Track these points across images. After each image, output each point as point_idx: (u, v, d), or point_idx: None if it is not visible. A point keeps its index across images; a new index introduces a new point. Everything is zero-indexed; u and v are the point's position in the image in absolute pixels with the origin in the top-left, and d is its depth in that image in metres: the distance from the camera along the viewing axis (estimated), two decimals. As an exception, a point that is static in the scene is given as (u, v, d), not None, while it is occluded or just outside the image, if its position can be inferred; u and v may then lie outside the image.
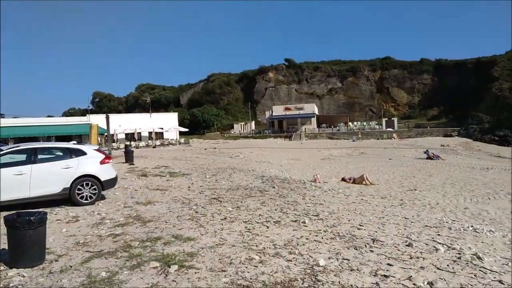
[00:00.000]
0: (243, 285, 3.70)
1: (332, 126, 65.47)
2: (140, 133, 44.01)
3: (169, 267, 4.17)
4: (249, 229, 6.11)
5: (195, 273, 4.04)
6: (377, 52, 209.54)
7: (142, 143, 41.37)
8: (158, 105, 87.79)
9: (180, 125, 53.12)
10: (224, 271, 4.11)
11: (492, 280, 4.40)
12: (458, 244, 6.29)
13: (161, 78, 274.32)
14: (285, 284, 3.78)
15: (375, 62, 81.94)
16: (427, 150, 29.95)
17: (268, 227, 6.28)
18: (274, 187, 11.41)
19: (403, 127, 64.45)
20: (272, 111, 68.38)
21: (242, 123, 73.35)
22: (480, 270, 4.80)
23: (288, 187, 11.81)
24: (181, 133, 51.45)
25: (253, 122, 74.25)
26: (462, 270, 4.73)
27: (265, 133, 65.42)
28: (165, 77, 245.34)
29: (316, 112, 69.20)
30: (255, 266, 4.30)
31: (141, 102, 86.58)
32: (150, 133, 44.71)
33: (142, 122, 45.24)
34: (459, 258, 5.32)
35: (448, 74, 74.12)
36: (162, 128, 46.33)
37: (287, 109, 67.43)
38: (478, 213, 10.61)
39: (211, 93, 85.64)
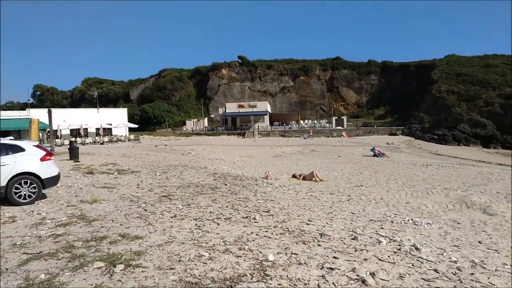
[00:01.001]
0: (192, 282, 3.66)
1: (285, 124, 66.57)
2: (86, 129, 42.04)
3: (115, 267, 4.03)
4: (199, 226, 6.06)
5: (142, 272, 3.94)
6: (328, 52, 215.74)
7: (88, 140, 39.55)
8: (107, 100, 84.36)
9: (129, 121, 51.43)
10: (173, 268, 4.04)
11: (428, 269, 4.69)
12: (399, 237, 6.64)
13: (110, 72, 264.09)
14: (234, 280, 3.78)
15: (326, 62, 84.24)
16: (373, 148, 31.36)
17: (218, 224, 6.26)
18: (226, 184, 11.39)
19: (352, 125, 66.90)
20: (225, 108, 68.20)
21: (194, 120, 72.45)
22: (417, 260, 5.10)
23: (240, 184, 11.85)
24: (130, 130, 49.84)
25: (206, 119, 73.58)
26: (401, 260, 5.00)
27: (218, 130, 65.15)
28: (114, 72, 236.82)
29: (269, 110, 69.97)
30: (204, 263, 4.27)
31: (88, 97, 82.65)
32: (97, 129, 42.87)
33: (89, 118, 43.23)
34: (399, 249, 5.62)
35: (393, 75, 77.93)
36: (110, 124, 44.58)
37: (240, 106, 67.55)
38: (417, 207, 11.26)
39: (163, 89, 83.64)
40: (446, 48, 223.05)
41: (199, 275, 3.86)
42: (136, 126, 50.39)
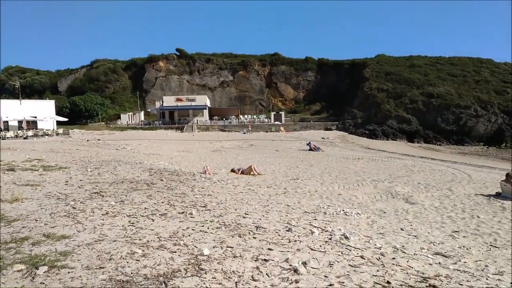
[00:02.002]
0: (123, 281, 3.54)
1: (224, 119, 66.51)
2: (7, 122, 38.62)
3: (37, 269, 3.77)
4: (132, 223, 5.87)
5: (69, 272, 3.73)
6: (267, 48, 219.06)
7: (10, 134, 36.33)
8: (31, 91, 78.06)
9: (58, 114, 48.24)
10: (102, 268, 3.88)
11: (355, 256, 4.98)
12: (330, 227, 6.97)
13: (34, 61, 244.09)
14: (167, 276, 3.73)
15: (265, 57, 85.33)
16: (309, 143, 32.48)
17: (153, 220, 6.11)
18: (162, 180, 11.14)
19: (289, 121, 68.64)
20: (162, 102, 66.43)
21: (130, 114, 69.70)
22: (346, 248, 5.40)
23: (177, 180, 11.65)
24: (59, 123, 46.70)
25: (142, 113, 71.12)
26: (332, 249, 5.26)
27: (155, 124, 63.36)
28: (39, 61, 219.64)
29: (208, 104, 69.45)
30: (137, 260, 4.15)
31: (8, 87, 75.56)
32: (20, 122, 39.59)
33: (10, 110, 39.74)
34: (330, 239, 5.90)
35: (328, 72, 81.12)
36: (35, 117, 41.38)
37: (178, 100, 66.22)
38: (349, 198, 11.90)
39: (95, 81, 79.09)
40: (377, 48, 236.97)
41: (131, 273, 3.75)
42: (65, 119, 47.30)
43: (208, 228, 5.87)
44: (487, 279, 4.60)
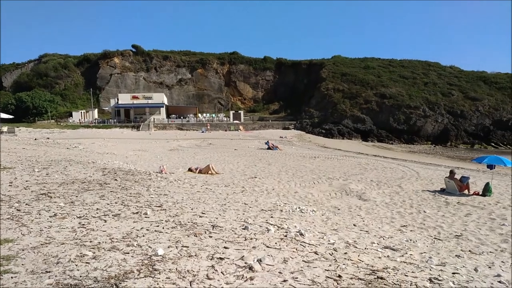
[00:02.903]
0: (71, 284, 3.40)
1: (182, 117, 65.54)
2: None
3: (-24, 276, 3.54)
4: (83, 224, 5.65)
5: (12, 278, 3.53)
6: (226, 46, 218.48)
7: None
8: (-30, 86, 72.78)
9: (2, 111, 45.28)
10: (49, 272, 3.70)
11: (309, 252, 5.11)
12: (286, 224, 7.09)
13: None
14: (119, 278, 3.63)
15: (224, 56, 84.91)
16: (267, 141, 32.78)
17: (106, 221, 5.92)
18: (116, 180, 10.80)
19: (248, 120, 68.84)
20: (118, 99, 64.27)
21: (83, 111, 66.77)
22: (301, 244, 5.52)
23: (132, 179, 11.35)
24: (3, 121, 43.83)
25: (96, 111, 68.43)
26: (287, 246, 5.36)
27: (110, 122, 61.23)
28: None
29: (166, 102, 68.10)
30: (87, 262, 4.01)
31: None
32: (-43, 119, 36.80)
33: None
34: (286, 236, 6.01)
35: (287, 72, 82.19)
36: (-24, 114, 38.63)
37: (134, 97, 64.40)
38: (305, 196, 12.15)
39: (44, 76, 74.87)
40: (333, 49, 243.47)
41: (80, 276, 3.61)
42: (10, 116, 44.43)
43: (163, 228, 5.77)
44: (430, 270, 4.89)
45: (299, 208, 9.46)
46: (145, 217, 6.43)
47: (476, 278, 4.75)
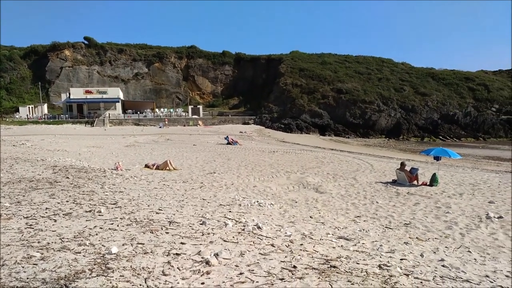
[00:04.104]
0: (17, 287, 3.25)
1: (139, 112, 63.87)
2: None
3: None
4: (31, 225, 5.38)
5: (-49, 284, 3.32)
6: (183, 40, 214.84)
7: None
8: None
9: None
10: (-8, 275, 3.51)
11: (266, 245, 5.19)
12: (244, 218, 7.15)
13: None
14: (69, 278, 3.51)
15: (182, 50, 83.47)
16: (227, 137, 32.71)
17: (56, 221, 5.68)
18: (68, 178, 10.36)
19: (207, 114, 68.33)
20: (69, 94, 61.50)
21: (30, 106, 63.27)
22: (258, 237, 5.59)
23: (85, 177, 10.94)
24: None
25: (45, 106, 65.07)
26: (244, 239, 5.41)
27: (62, 118, 58.52)
28: None
29: (121, 97, 66.06)
30: (34, 264, 3.84)
31: None
32: None
33: None
34: (243, 229, 6.06)
35: (246, 67, 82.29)
36: None
37: (88, 92, 61.92)
38: (263, 189, 12.27)
39: (-13, 69, 70.17)
40: (291, 44, 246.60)
41: (27, 278, 3.45)
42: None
43: (118, 225, 5.63)
44: (380, 257, 5.12)
45: (257, 202, 9.55)
46: (99, 215, 6.23)
47: (422, 263, 5.04)
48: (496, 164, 24.90)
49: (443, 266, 5.04)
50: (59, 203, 7.01)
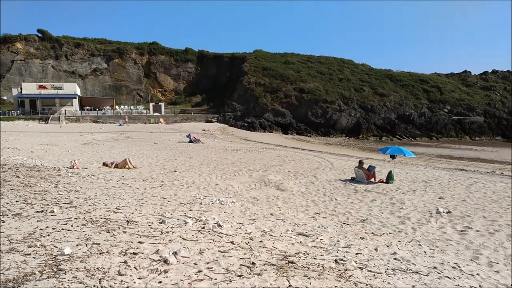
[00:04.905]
0: (-41, 292, 3.07)
1: (97, 109, 61.66)
2: None
3: None
4: (-24, 227, 5.09)
5: None
6: (145, 36, 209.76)
7: None
8: None
9: None
10: None
11: (226, 242, 5.20)
12: (205, 216, 7.12)
13: None
14: (18, 280, 3.36)
15: (143, 46, 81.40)
16: (189, 135, 32.32)
17: (4, 222, 5.40)
18: (18, 176, 9.86)
19: (169, 112, 67.14)
20: (21, 89, 58.34)
21: (-21, 101, 59.52)
22: (218, 235, 5.59)
23: (37, 176, 10.45)
24: None
25: (-5, 101, 61.41)
26: (204, 237, 5.39)
27: (13, 114, 55.42)
28: None
29: (79, 93, 63.55)
30: (-21, 268, 3.63)
31: None
32: None
33: None
34: (204, 228, 6.04)
35: (209, 65, 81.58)
36: None
37: (42, 87, 59.00)
38: (225, 188, 12.26)
39: None
40: (255, 43, 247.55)
41: (-30, 283, 3.27)
42: None
43: (72, 226, 5.44)
44: (337, 252, 5.28)
45: (218, 200, 9.53)
46: (52, 215, 5.99)
47: (376, 257, 5.25)
48: (447, 162, 26.26)
49: (395, 259, 5.27)
50: (8, 203, 6.67)
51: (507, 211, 9.77)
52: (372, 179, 14.00)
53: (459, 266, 5.37)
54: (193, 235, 5.46)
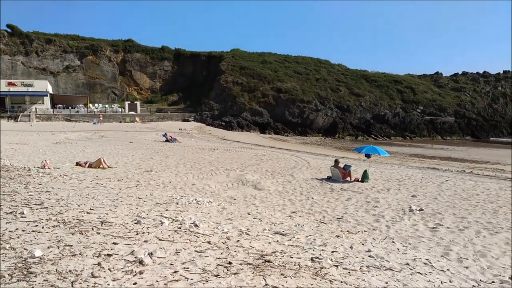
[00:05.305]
0: None
1: (70, 107, 60.11)
2: None
3: None
4: None
5: None
6: (120, 33, 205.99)
7: None
8: None
9: None
10: None
11: (202, 242, 5.17)
12: (181, 216, 7.05)
13: None
14: (-15, 285, 3.24)
15: (118, 43, 79.74)
16: (165, 134, 31.96)
17: (-31, 225, 5.19)
18: (-14, 177, 9.50)
19: (145, 111, 66.16)
20: (-10, 86, 56.22)
21: None
22: (195, 235, 5.55)
23: (6, 176, 10.09)
24: None
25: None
26: (180, 237, 5.34)
27: (-20, 112, 53.32)
28: None
29: (50, 90, 61.76)
30: None
31: None
32: None
33: None
34: (180, 228, 5.98)
35: (186, 63, 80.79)
36: None
37: (11, 84, 57.01)
38: (202, 187, 12.19)
39: None
40: (232, 42, 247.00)
41: None
42: None
43: (43, 227, 5.28)
44: (313, 250, 5.34)
45: (195, 199, 9.46)
46: (21, 217, 5.80)
47: (351, 254, 5.34)
48: (420, 161, 26.99)
49: (369, 256, 5.37)
50: (-26, 204, 6.41)
51: (476, 208, 10.14)
52: (348, 178, 14.23)
53: (430, 262, 5.54)
54: (169, 235, 5.40)
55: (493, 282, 5.10)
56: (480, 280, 5.07)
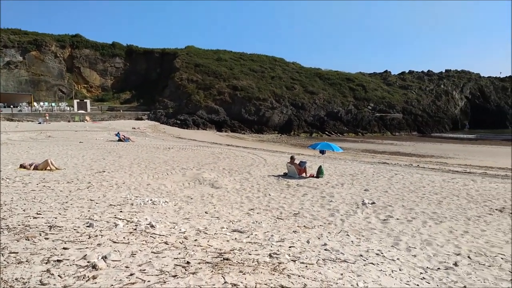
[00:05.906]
0: None
1: (12, 106, 56.37)
2: None
3: None
4: None
5: None
6: (66, 28, 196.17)
7: None
8: None
9: None
10: None
11: (159, 243, 5.07)
12: (137, 217, 6.87)
13: None
14: None
15: (64, 38, 75.72)
16: (118, 133, 30.89)
17: None
18: None
19: (96, 109, 63.56)
20: None
21: None
22: (151, 236, 5.43)
23: None
24: None
25: None
26: (136, 239, 5.20)
27: None
28: None
29: (-10, 88, 57.58)
30: None
31: None
32: None
33: None
34: (135, 229, 5.83)
35: (138, 60, 78.39)
36: None
37: None
38: (158, 187, 11.91)
39: None
40: (186, 39, 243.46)
41: None
42: None
43: (-16, 235, 4.93)
44: (271, 246, 5.40)
45: (151, 200, 9.25)
46: (-41, 224, 5.38)
47: (308, 249, 5.46)
48: (371, 156, 28.12)
49: (325, 249, 5.52)
50: None
51: (422, 200, 10.74)
52: (304, 174, 14.52)
53: (382, 253, 5.79)
54: (124, 238, 5.24)
55: (438, 268, 5.42)
56: (427, 267, 5.38)
